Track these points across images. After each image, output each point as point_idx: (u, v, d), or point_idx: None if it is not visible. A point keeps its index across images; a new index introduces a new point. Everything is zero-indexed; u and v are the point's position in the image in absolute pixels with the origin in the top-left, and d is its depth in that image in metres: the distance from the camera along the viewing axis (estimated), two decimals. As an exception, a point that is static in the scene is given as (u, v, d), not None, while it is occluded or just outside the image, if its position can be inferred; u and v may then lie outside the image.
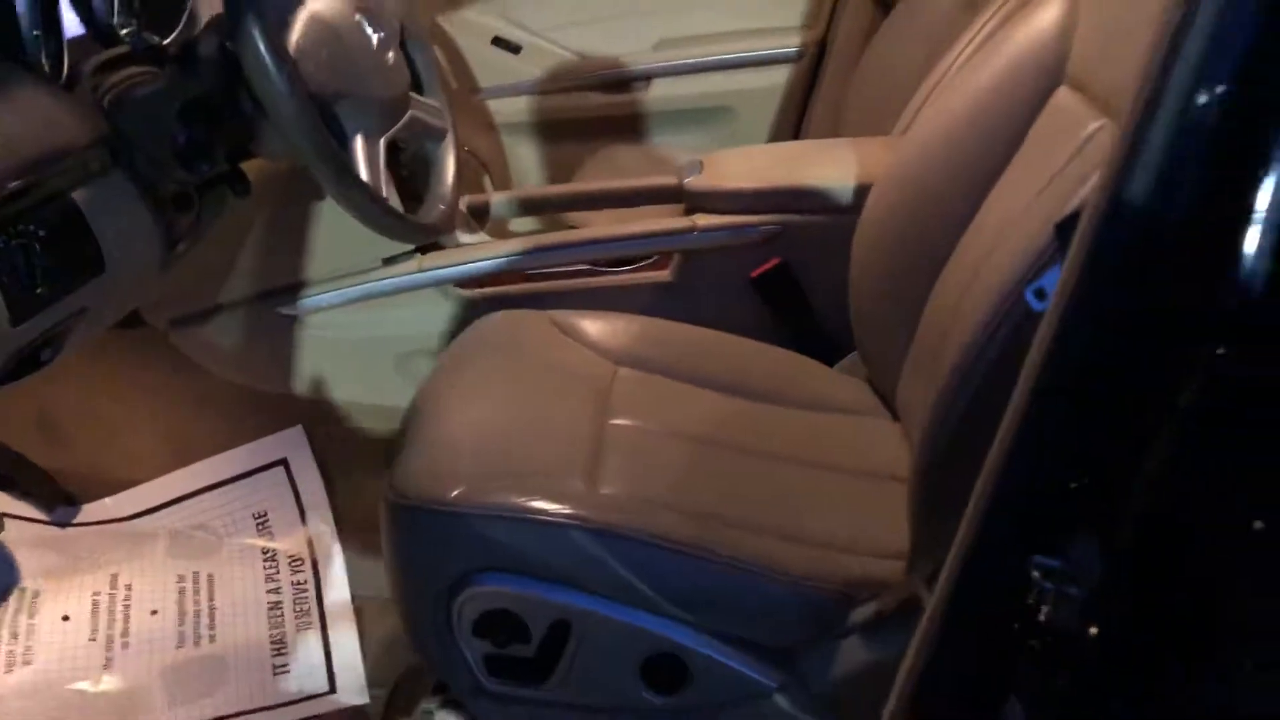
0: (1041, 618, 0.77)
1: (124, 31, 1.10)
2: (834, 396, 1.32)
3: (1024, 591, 0.76)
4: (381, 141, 1.06)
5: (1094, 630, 0.73)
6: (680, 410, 1.25)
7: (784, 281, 1.44)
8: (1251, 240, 0.64)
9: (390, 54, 1.08)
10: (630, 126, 2.15)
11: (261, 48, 0.89)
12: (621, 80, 2.12)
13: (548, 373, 1.25)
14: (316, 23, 1.01)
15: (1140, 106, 0.70)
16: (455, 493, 1.03)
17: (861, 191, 1.35)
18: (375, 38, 1.06)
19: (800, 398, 1.31)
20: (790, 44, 2.08)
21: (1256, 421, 0.66)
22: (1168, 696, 0.76)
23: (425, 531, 1.03)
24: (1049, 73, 1.10)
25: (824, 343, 1.44)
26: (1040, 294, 0.85)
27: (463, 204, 1.61)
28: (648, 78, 2.11)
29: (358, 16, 1.05)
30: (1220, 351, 0.67)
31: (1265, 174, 0.63)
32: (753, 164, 1.49)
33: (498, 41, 2.12)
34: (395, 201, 1.35)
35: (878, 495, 1.14)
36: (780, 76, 2.11)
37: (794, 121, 2.13)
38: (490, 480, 1.05)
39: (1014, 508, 0.78)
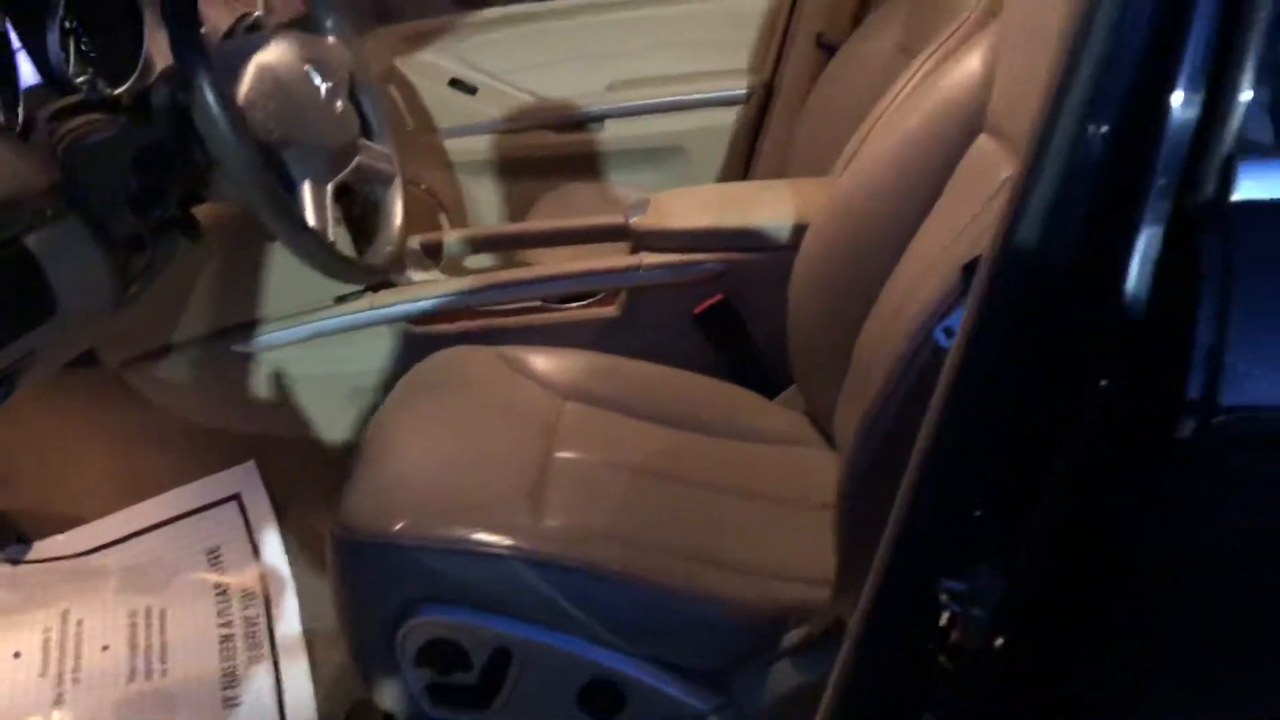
0: (951, 639, 0.82)
1: (79, 80, 1.14)
2: (773, 428, 1.37)
3: (934, 614, 0.81)
4: (329, 187, 1.10)
5: (1000, 642, 0.78)
6: (624, 443, 1.29)
7: (727, 317, 1.48)
8: (1130, 277, 0.69)
9: (338, 103, 1.12)
10: (584, 166, 2.20)
11: (210, 99, 0.93)
12: (575, 121, 2.17)
13: (495, 408, 1.29)
14: (265, 73, 1.05)
15: (1030, 152, 0.76)
16: (398, 526, 1.06)
17: (800, 230, 1.40)
18: (323, 87, 1.10)
19: (741, 430, 1.36)
20: (738, 86, 2.14)
21: (1137, 448, 0.71)
22: (1067, 708, 0.80)
23: (369, 564, 1.06)
24: (971, 119, 1.16)
25: (766, 376, 1.49)
26: (949, 332, 0.90)
27: (416, 242, 1.65)
28: (601, 118, 2.17)
29: (306, 67, 1.09)
30: (1104, 384, 0.72)
31: (1141, 216, 0.69)
32: (696, 203, 1.54)
33: (455, 83, 2.17)
34: (345, 243, 1.38)
35: (812, 523, 1.19)
36: (729, 118, 2.17)
37: (743, 161, 2.19)
38: (434, 513, 1.08)
39: (923, 536, 0.82)
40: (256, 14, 1.22)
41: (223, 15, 1.24)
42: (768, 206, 1.50)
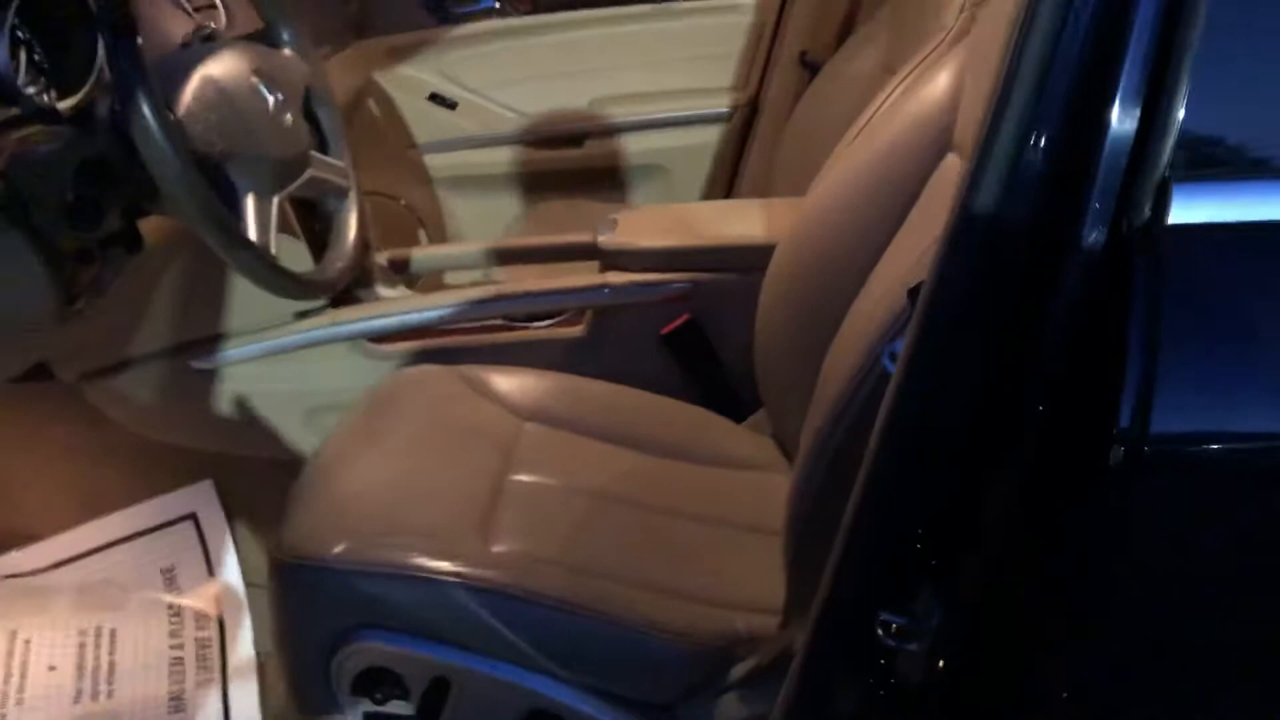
0: (891, 671, 0.79)
1: (30, 91, 1.12)
2: (737, 452, 1.34)
3: (874, 646, 0.78)
4: (275, 200, 1.08)
5: (939, 670, 0.75)
6: (582, 465, 1.26)
7: (693, 338, 1.46)
8: (1065, 302, 0.67)
9: (287, 116, 1.10)
10: (565, 183, 2.19)
11: (145, 110, 0.91)
12: (556, 137, 2.16)
13: (451, 429, 1.26)
14: (209, 85, 1.03)
15: (968, 177, 0.74)
16: (338, 549, 1.03)
17: (769, 251, 1.38)
18: (271, 100, 1.08)
19: (704, 453, 1.33)
20: (722, 104, 2.12)
21: (1072, 475, 0.68)
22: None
23: (307, 587, 1.03)
24: (939, 139, 1.13)
25: (735, 399, 1.46)
26: (894, 357, 0.87)
27: (383, 258, 1.63)
28: (583, 135, 2.16)
29: (254, 79, 1.07)
30: (1041, 410, 0.70)
31: (1078, 239, 0.66)
32: (665, 222, 1.52)
33: (434, 98, 2.16)
34: (305, 258, 1.36)
35: (768, 550, 1.15)
36: (712, 135, 2.15)
37: (727, 179, 2.18)
38: (376, 537, 1.05)
39: (863, 566, 0.80)
40: (213, 26, 1.20)
41: (181, 26, 1.22)
42: (736, 226, 1.48)
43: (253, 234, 1.03)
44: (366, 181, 2.04)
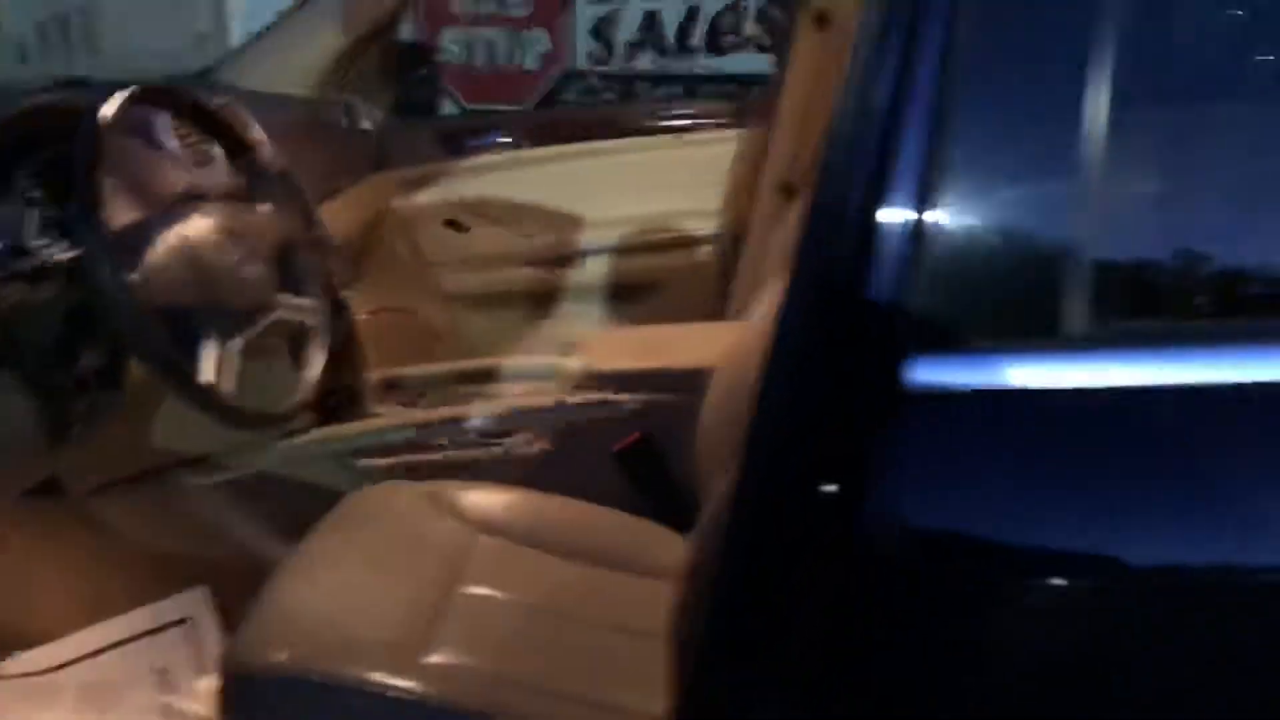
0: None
1: (37, 244, 1.28)
2: (681, 566, 1.41)
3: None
4: (237, 341, 1.21)
5: None
6: (529, 578, 1.34)
7: (644, 455, 1.55)
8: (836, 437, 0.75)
9: (250, 269, 1.24)
10: (569, 300, 2.32)
11: (99, 272, 1.06)
12: (559, 257, 2.30)
13: (407, 543, 1.36)
14: (177, 244, 1.17)
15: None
16: (277, 659, 1.12)
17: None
18: (236, 255, 1.22)
19: (648, 566, 1.40)
20: (712, 226, 2.24)
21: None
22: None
23: (247, 695, 1.13)
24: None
25: (685, 512, 1.53)
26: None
27: (377, 377, 1.76)
28: (582, 254, 2.30)
29: (218, 237, 1.22)
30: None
31: (833, 402, 0.75)
32: (626, 346, 1.63)
33: (449, 223, 2.33)
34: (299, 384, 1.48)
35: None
36: (705, 256, 2.27)
37: (719, 297, 2.28)
38: (316, 648, 1.14)
39: (707, 683, 0.87)
40: (200, 185, 1.35)
41: (180, 178, 1.37)
42: (686, 350, 1.57)
43: (207, 375, 1.16)
44: (385, 299, 2.20)
